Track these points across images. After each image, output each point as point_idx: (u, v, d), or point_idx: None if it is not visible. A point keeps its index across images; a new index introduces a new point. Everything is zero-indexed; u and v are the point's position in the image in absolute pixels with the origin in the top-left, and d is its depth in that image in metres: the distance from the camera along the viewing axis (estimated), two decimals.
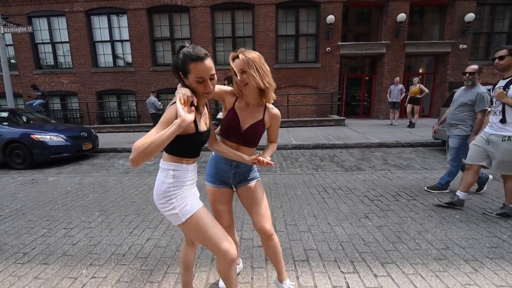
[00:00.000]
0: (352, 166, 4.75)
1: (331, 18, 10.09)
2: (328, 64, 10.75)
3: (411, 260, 1.93)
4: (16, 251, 2.21)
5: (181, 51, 1.10)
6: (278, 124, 1.47)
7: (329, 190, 3.44)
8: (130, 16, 10.64)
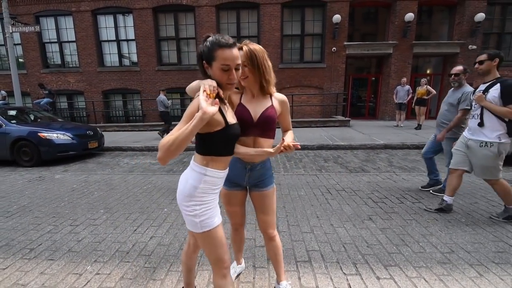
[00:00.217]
0: (356, 168, 4.72)
1: (337, 17, 10.00)
2: (334, 64, 10.67)
3: (414, 263, 1.91)
4: (23, 246, 2.26)
5: (207, 39, 1.08)
6: (288, 109, 1.46)
7: (332, 191, 3.43)
8: (136, 16, 10.72)
